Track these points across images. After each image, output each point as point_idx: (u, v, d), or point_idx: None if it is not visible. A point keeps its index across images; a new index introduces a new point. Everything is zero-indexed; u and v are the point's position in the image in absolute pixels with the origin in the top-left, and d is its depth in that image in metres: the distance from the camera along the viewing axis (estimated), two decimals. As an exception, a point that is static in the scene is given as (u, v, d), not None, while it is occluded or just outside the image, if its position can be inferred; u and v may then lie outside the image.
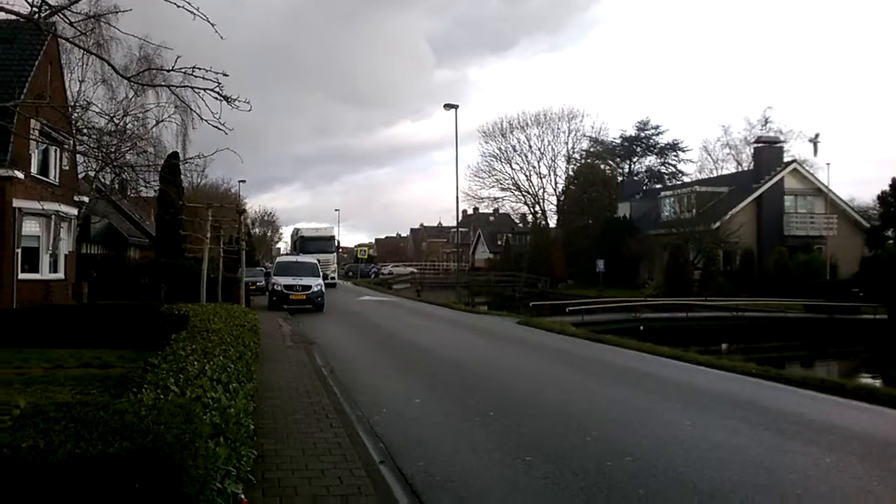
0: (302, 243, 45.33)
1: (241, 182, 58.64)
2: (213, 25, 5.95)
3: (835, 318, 30.24)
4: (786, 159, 48.90)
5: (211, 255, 22.06)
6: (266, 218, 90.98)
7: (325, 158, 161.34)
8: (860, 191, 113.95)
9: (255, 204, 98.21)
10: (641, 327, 26.97)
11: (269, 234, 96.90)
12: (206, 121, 6.21)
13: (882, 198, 52.55)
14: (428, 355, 14.98)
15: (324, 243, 45.82)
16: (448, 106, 36.39)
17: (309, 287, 25.91)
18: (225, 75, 6.05)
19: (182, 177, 33.23)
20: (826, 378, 12.42)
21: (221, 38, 6.16)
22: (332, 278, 43.82)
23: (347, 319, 23.68)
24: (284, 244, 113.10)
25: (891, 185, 51.33)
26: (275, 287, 26.51)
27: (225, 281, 24.70)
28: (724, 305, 32.04)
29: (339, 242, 51.60)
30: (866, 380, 18.91)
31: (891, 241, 46.58)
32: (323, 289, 26.75)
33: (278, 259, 37.25)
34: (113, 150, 19.90)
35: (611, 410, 9.31)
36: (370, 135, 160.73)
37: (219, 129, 6.01)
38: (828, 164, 64.03)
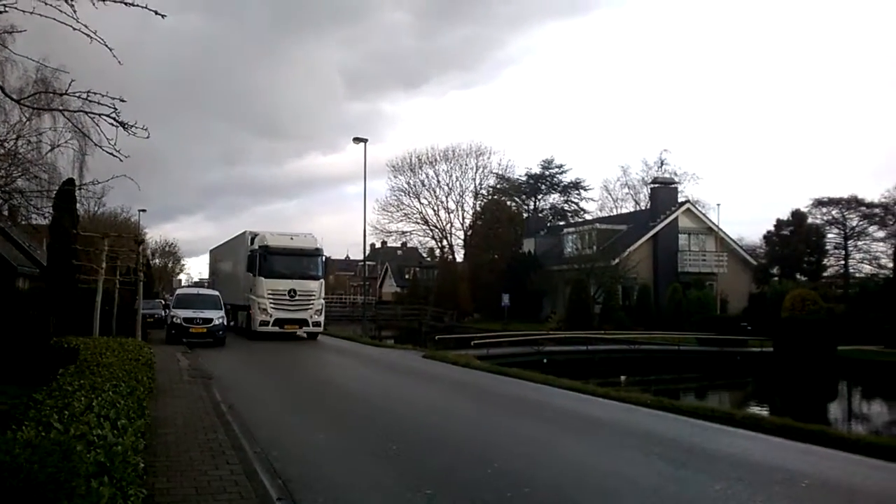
0: (265, 260, 27.55)
1: (142, 211, 56.58)
2: (110, 50, 5.81)
3: (725, 350, 31.67)
4: (680, 199, 51.35)
5: (107, 286, 21.15)
6: (167, 248, 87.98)
7: (233, 189, 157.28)
8: (748, 230, 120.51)
9: (156, 234, 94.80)
10: (545, 360, 27.44)
11: (170, 265, 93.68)
12: (100, 147, 6.04)
13: (768, 237, 55.96)
14: (331, 389, 14.76)
15: (303, 262, 28.34)
16: (357, 139, 36.35)
17: (210, 320, 25.11)
18: (122, 101, 5.91)
19: (78, 205, 31.81)
20: (716, 408, 12.97)
21: (119, 63, 6.02)
22: (317, 323, 28.44)
23: (249, 354, 23.07)
24: (186, 276, 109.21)
25: (775, 226, 54.75)
26: (174, 320, 25.56)
27: (121, 313, 23.69)
28: (622, 339, 33.04)
29: (327, 259, 31.33)
30: (754, 409, 19.84)
31: (776, 279, 49.45)
32: (225, 322, 25.96)
33: (178, 291, 35.90)
34: (2, 174, 18.94)
35: (512, 442, 9.41)
36: (280, 166, 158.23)
37: (114, 155, 5.84)
38: (718, 204, 67.61)
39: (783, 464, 8.31)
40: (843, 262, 57.93)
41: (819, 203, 57.62)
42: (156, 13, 5.62)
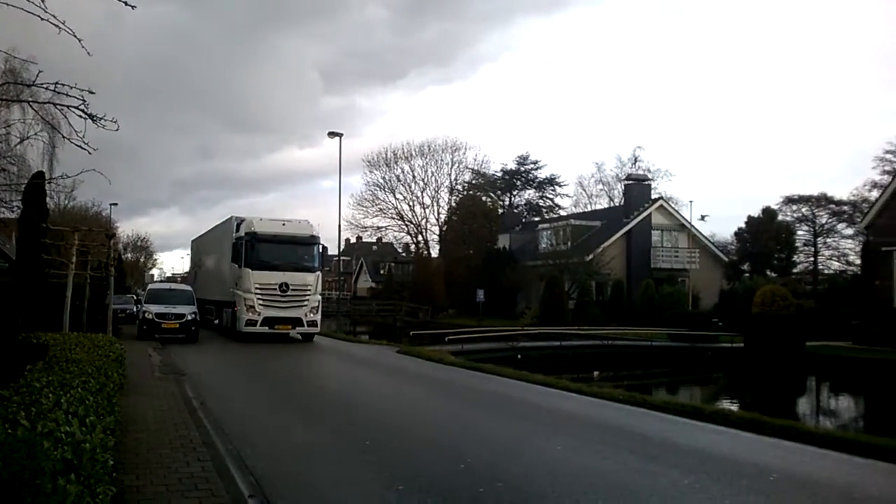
0: (252, 249, 24.26)
1: (113, 205, 55.98)
2: (79, 41, 5.73)
3: (696, 346, 32.02)
4: (653, 196, 51.83)
5: (77, 281, 20.86)
6: (139, 243, 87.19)
7: (208, 183, 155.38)
8: (720, 227, 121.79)
9: (127, 228, 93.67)
10: (519, 356, 27.57)
11: (142, 259, 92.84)
12: (68, 139, 5.98)
13: (739, 234, 56.70)
14: (304, 385, 14.71)
15: (297, 251, 25.04)
16: (332, 134, 36.11)
17: (182, 316, 24.87)
18: (91, 92, 5.84)
19: (48, 198, 31.37)
20: (686, 403, 13.10)
21: (89, 53, 5.94)
22: (313, 323, 25.01)
23: (222, 350, 22.90)
24: (159, 271, 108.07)
25: (746, 223, 55.46)
26: (145, 315, 25.30)
27: (91, 308, 23.39)
28: (595, 334, 33.28)
29: (324, 248, 28.00)
30: (724, 405, 20.11)
31: (747, 275, 50.11)
32: (198, 317, 25.72)
33: (150, 286, 35.51)
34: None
35: (486, 437, 9.45)
36: (256, 160, 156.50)
37: (83, 148, 5.77)
38: (691, 201, 68.42)
39: (752, 458, 8.44)
40: (812, 258, 58.89)
41: (789, 200, 58.51)
42: (125, 3, 5.55)
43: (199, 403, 11.55)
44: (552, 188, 76.28)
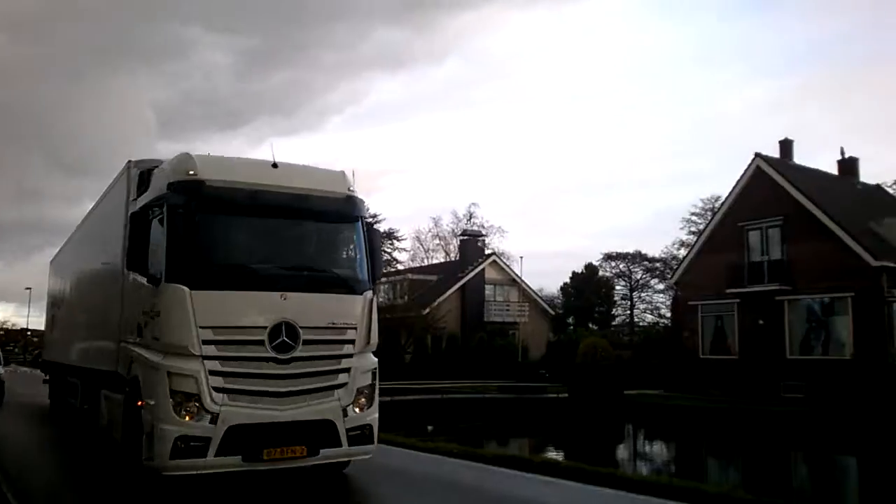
0: (190, 226, 8.05)
1: None
2: None
3: (524, 397, 33.17)
4: (487, 251, 53.80)
5: None
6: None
7: (26, 228, 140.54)
8: (547, 282, 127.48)
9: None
10: (354, 411, 27.18)
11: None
12: None
13: (564, 289, 59.95)
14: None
15: (309, 234, 9.42)
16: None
17: (-18, 375, 22.36)
18: None
19: None
20: (517, 455, 13.54)
21: None
22: (361, 431, 9.30)
23: (30, 407, 20.83)
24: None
25: (571, 278, 58.78)
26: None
27: None
28: (431, 388, 33.61)
29: (371, 229, 9.89)
30: (551, 454, 20.91)
31: (571, 327, 52.94)
32: (3, 375, 23.20)
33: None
34: None
35: (321, 499, 9.25)
36: (82, 206, 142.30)
37: None
38: (521, 257, 71.36)
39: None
40: (629, 311, 63.27)
41: (609, 257, 62.83)
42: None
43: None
44: (390, 242, 76.97)
